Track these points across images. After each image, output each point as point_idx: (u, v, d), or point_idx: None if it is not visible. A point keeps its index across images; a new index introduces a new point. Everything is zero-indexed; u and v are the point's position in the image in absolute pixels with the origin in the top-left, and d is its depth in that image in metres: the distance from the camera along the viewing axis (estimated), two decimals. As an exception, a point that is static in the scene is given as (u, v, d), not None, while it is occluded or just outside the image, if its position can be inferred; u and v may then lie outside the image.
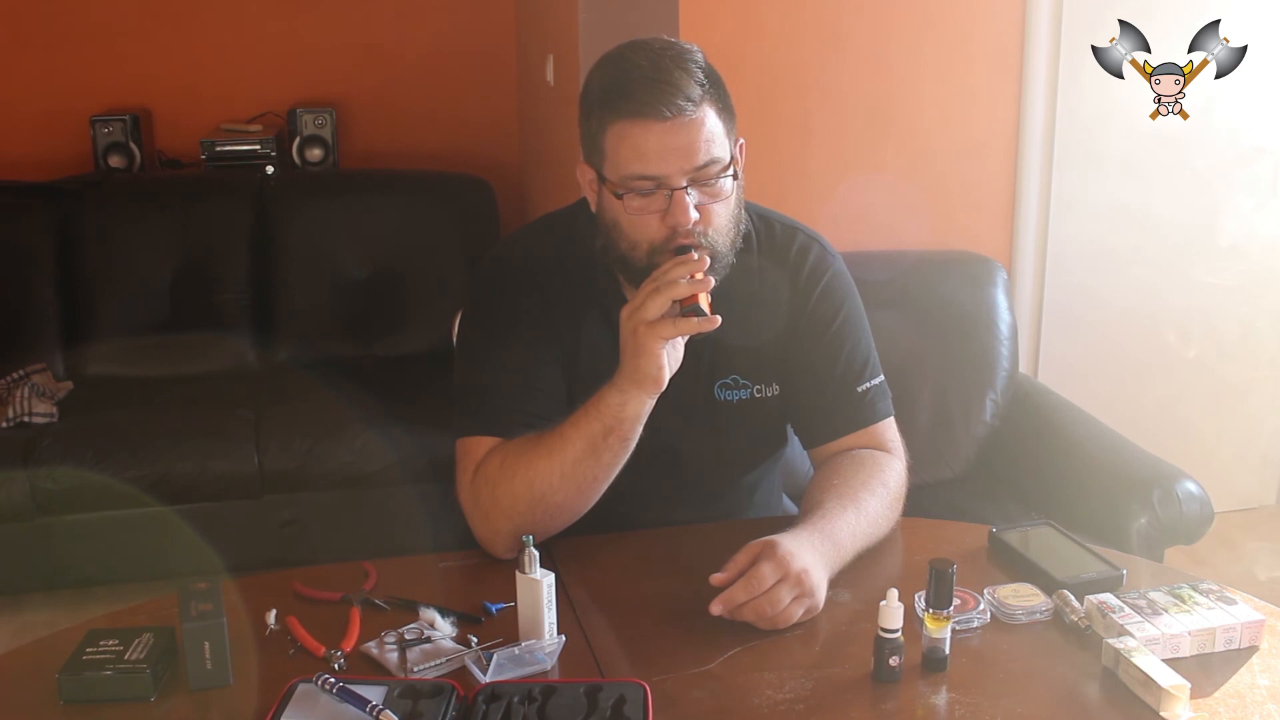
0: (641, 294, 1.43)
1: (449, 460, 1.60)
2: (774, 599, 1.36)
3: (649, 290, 1.42)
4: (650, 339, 1.42)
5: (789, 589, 1.36)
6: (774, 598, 1.36)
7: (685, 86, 1.45)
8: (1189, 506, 2.35)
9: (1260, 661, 1.34)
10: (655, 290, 1.42)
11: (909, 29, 2.87)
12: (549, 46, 3.58)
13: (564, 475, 1.49)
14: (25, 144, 3.88)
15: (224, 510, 3.09)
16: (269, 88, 4.07)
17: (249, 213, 3.71)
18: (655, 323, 1.42)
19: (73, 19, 3.90)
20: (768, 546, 1.39)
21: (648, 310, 1.41)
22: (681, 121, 1.45)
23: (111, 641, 1.31)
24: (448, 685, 1.24)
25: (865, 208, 2.92)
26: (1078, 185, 3.06)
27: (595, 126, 1.51)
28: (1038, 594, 1.44)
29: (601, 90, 1.50)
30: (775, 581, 1.36)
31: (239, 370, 3.56)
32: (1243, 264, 3.21)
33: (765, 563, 1.37)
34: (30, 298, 3.53)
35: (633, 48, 1.51)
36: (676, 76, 1.45)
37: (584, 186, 1.59)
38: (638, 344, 1.43)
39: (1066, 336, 3.17)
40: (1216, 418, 3.33)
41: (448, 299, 3.57)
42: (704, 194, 1.49)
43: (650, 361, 1.43)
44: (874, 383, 1.69)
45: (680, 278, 1.42)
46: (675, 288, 1.41)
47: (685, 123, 1.45)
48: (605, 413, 1.47)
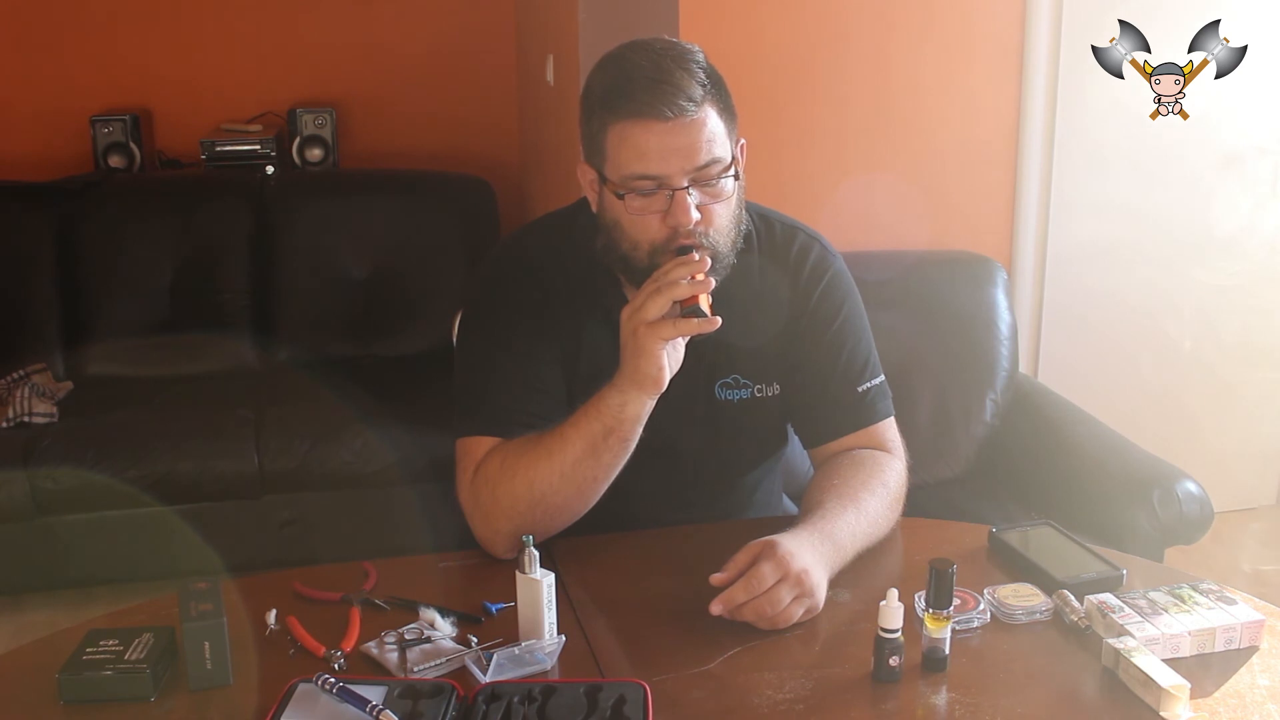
0: (642, 295, 1.43)
1: (449, 460, 1.60)
2: (774, 599, 1.36)
3: (649, 291, 1.42)
4: (650, 340, 1.42)
5: (789, 589, 1.36)
6: (774, 598, 1.36)
7: (687, 87, 1.45)
8: (1189, 506, 2.35)
9: (1260, 661, 1.34)
10: (656, 291, 1.42)
11: (909, 29, 2.87)
12: (549, 46, 3.58)
13: (564, 476, 1.49)
14: (25, 144, 3.89)
15: (224, 510, 3.09)
16: (269, 88, 4.07)
17: (249, 213, 3.71)
18: (655, 323, 1.42)
19: (72, 19, 3.90)
20: (768, 546, 1.39)
21: (648, 311, 1.41)
22: (683, 122, 1.45)
23: (111, 641, 1.31)
24: (448, 685, 1.24)
25: (865, 208, 2.92)
26: (1078, 185, 3.06)
27: (596, 127, 1.51)
28: (1038, 594, 1.44)
29: (603, 91, 1.50)
30: (775, 582, 1.36)
31: (239, 370, 3.56)
32: (1243, 264, 3.21)
33: (765, 563, 1.37)
34: (30, 298, 3.54)
35: (634, 48, 1.51)
36: (678, 77, 1.45)
37: (584, 186, 1.59)
38: (638, 345, 1.43)
39: (1066, 336, 3.17)
40: (1216, 417, 3.33)
41: (447, 299, 3.57)
42: (705, 194, 1.49)
43: (650, 362, 1.43)
44: (874, 383, 1.69)
45: (681, 278, 1.42)
46: (676, 288, 1.41)
47: (686, 123, 1.45)
48: (605, 413, 1.47)
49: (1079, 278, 3.13)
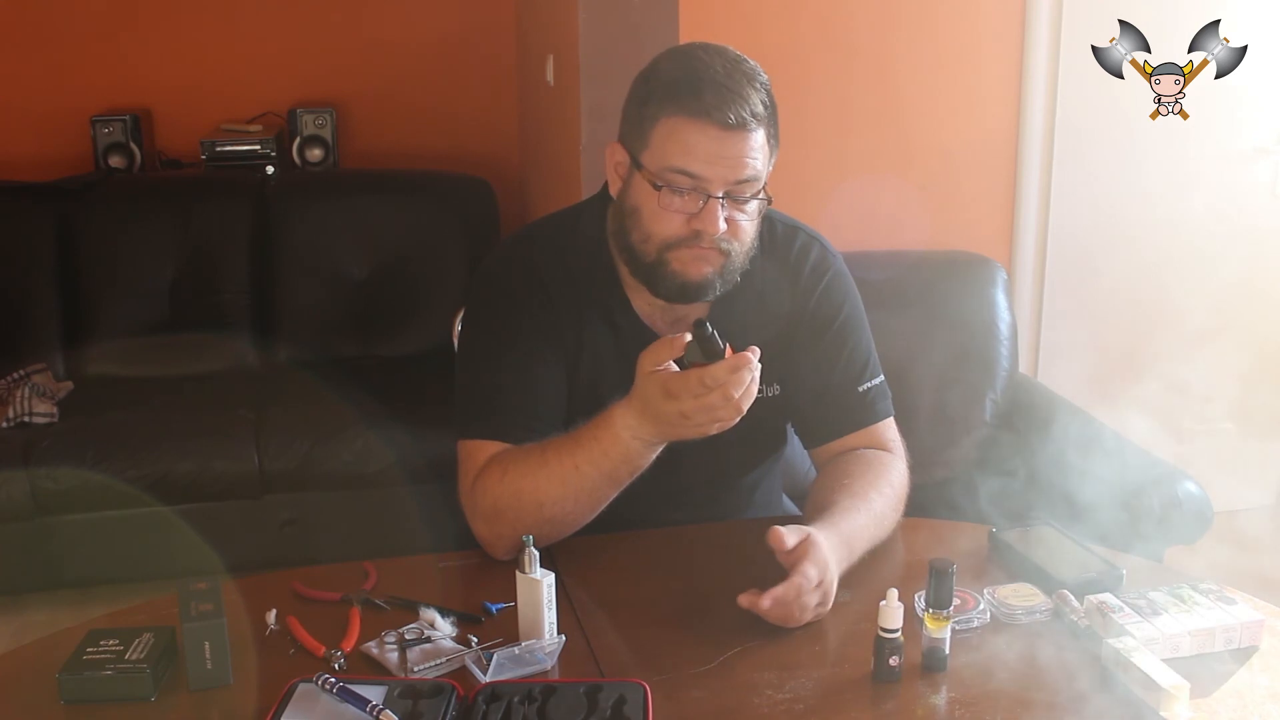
0: (692, 395, 1.38)
1: (449, 460, 1.60)
2: (804, 604, 1.37)
3: (703, 401, 1.38)
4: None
5: (817, 595, 1.38)
6: (804, 603, 1.37)
7: (751, 102, 1.47)
8: (1189, 506, 2.35)
9: (1260, 661, 1.34)
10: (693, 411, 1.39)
11: (909, 29, 2.87)
12: (549, 46, 3.58)
13: (577, 500, 1.50)
14: (25, 144, 3.88)
15: (224, 510, 3.09)
16: (269, 88, 4.06)
17: (249, 213, 3.70)
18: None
19: (73, 19, 3.90)
20: (813, 546, 1.38)
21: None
22: (739, 134, 1.47)
23: (112, 641, 1.31)
24: (448, 685, 1.24)
25: (865, 208, 2.92)
26: (1078, 185, 3.06)
27: (650, 112, 1.51)
28: (1038, 594, 1.44)
29: (670, 80, 1.50)
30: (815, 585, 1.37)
31: (239, 370, 3.56)
32: (1242, 264, 3.21)
33: (811, 565, 1.37)
34: (30, 298, 3.53)
35: (707, 50, 1.52)
36: (746, 90, 1.47)
37: (609, 166, 1.59)
38: (677, 433, 1.43)
39: (1066, 336, 3.17)
40: (1216, 417, 3.33)
41: (448, 299, 3.56)
42: (735, 209, 1.50)
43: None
44: (874, 382, 1.69)
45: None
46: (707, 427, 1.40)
47: (741, 136, 1.47)
48: (632, 457, 1.46)
49: (1079, 278, 3.13)
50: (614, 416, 1.45)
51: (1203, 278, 3.20)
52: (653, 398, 1.39)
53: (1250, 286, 3.24)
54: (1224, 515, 2.75)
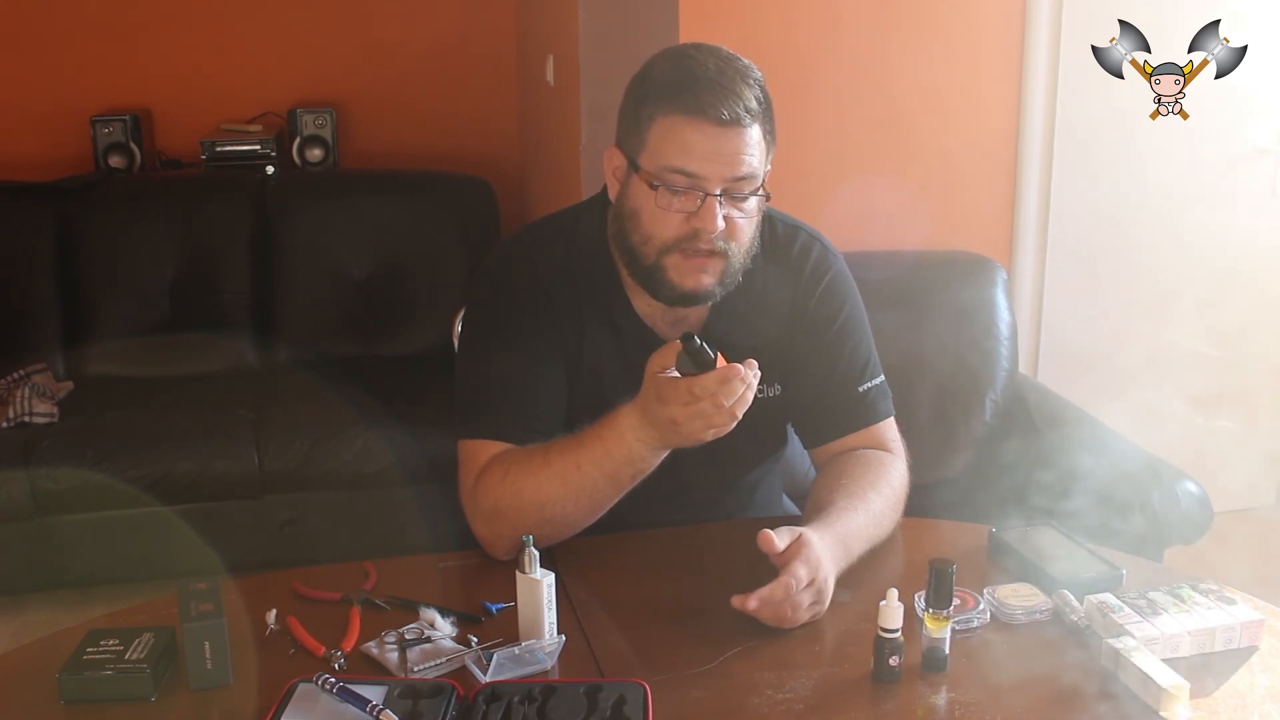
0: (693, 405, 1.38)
1: (449, 460, 1.60)
2: (796, 604, 1.36)
3: (696, 407, 1.38)
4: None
5: (811, 594, 1.37)
6: (796, 603, 1.36)
7: (745, 98, 1.47)
8: (1189, 506, 2.35)
9: (1260, 661, 1.34)
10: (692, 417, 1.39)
11: (909, 29, 2.87)
12: (549, 46, 3.58)
13: (578, 501, 1.50)
14: (25, 144, 3.88)
15: (224, 510, 3.09)
16: (269, 88, 4.07)
17: (249, 213, 3.71)
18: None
19: (73, 19, 3.90)
20: (805, 546, 1.39)
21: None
22: (734, 130, 1.47)
23: (112, 641, 1.31)
24: (448, 685, 1.25)
25: (865, 208, 2.92)
26: (1078, 185, 3.06)
27: (645, 114, 1.51)
28: (1038, 594, 1.44)
29: (663, 81, 1.50)
30: (806, 585, 1.37)
31: (239, 370, 3.56)
32: (1242, 264, 3.21)
33: (801, 565, 1.37)
34: (30, 298, 3.53)
35: (699, 49, 1.53)
36: (740, 87, 1.48)
37: (608, 171, 1.59)
38: (681, 439, 1.43)
39: (1066, 336, 3.17)
40: (1216, 417, 3.32)
41: (448, 299, 3.57)
42: (733, 206, 1.50)
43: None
44: (875, 382, 1.69)
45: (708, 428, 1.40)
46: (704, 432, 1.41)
47: (736, 132, 1.47)
48: (635, 459, 1.46)
49: (1079, 278, 3.13)
50: (620, 417, 1.45)
51: (1203, 278, 3.20)
52: (650, 401, 1.41)
53: (1250, 286, 3.24)
54: (1224, 515, 2.75)
